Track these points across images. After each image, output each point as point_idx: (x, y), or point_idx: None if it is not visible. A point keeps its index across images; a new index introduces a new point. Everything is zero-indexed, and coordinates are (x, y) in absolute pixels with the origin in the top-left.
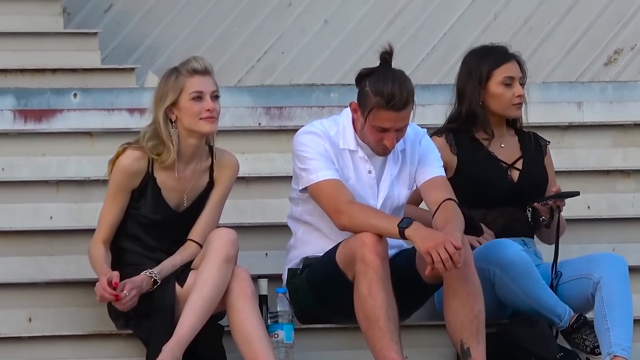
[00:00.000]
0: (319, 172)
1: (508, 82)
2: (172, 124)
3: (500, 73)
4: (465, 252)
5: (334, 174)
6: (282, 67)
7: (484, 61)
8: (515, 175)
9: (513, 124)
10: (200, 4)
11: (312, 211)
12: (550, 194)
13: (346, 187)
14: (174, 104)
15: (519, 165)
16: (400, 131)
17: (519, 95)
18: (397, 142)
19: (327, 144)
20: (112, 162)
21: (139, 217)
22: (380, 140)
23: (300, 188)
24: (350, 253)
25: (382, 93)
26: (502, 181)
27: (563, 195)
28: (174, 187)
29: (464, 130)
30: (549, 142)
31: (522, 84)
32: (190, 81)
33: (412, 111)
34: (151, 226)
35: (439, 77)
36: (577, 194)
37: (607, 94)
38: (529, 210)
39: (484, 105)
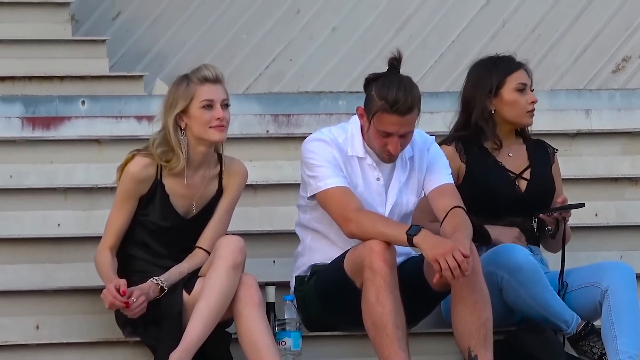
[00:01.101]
0: (327, 179)
1: (522, 88)
2: (181, 131)
3: (514, 80)
4: (473, 260)
5: (342, 182)
6: (290, 74)
7: (495, 70)
8: (523, 185)
9: (521, 132)
10: (208, 11)
11: (320, 219)
12: (555, 205)
13: (354, 194)
14: (184, 111)
15: (527, 175)
16: (405, 137)
17: (532, 102)
18: (402, 148)
19: (335, 151)
20: (121, 169)
21: (147, 223)
22: (385, 145)
23: (308, 195)
24: (359, 260)
25: (386, 97)
26: (510, 191)
27: (568, 207)
28: (182, 194)
29: (472, 139)
30: (556, 150)
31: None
32: (201, 89)
33: (418, 118)
34: (159, 233)
35: (447, 84)
36: (582, 205)
37: (615, 102)
38: (534, 221)
39: (495, 114)
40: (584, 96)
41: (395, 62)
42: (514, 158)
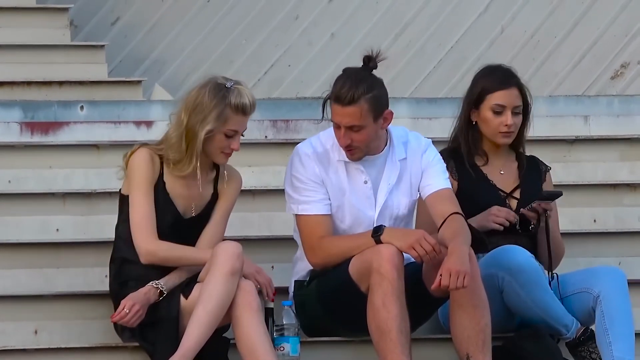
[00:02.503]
0: (300, 204)
1: (498, 110)
2: None
3: (493, 99)
4: (472, 265)
5: (315, 208)
6: (288, 80)
7: (482, 81)
8: (513, 204)
9: (515, 147)
10: (207, 17)
11: None
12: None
13: (325, 221)
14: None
15: (517, 194)
16: (354, 131)
17: (506, 125)
18: (355, 144)
19: (316, 166)
20: (128, 157)
21: None
22: (338, 138)
23: (286, 210)
24: (366, 265)
25: (334, 87)
26: None
27: (546, 196)
28: (181, 193)
29: (464, 154)
30: (549, 167)
31: (520, 113)
32: (234, 119)
33: (369, 115)
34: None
35: (445, 90)
36: (560, 193)
37: (614, 108)
38: (516, 218)
39: (477, 125)
40: (583, 102)
41: (366, 60)
42: (505, 176)
